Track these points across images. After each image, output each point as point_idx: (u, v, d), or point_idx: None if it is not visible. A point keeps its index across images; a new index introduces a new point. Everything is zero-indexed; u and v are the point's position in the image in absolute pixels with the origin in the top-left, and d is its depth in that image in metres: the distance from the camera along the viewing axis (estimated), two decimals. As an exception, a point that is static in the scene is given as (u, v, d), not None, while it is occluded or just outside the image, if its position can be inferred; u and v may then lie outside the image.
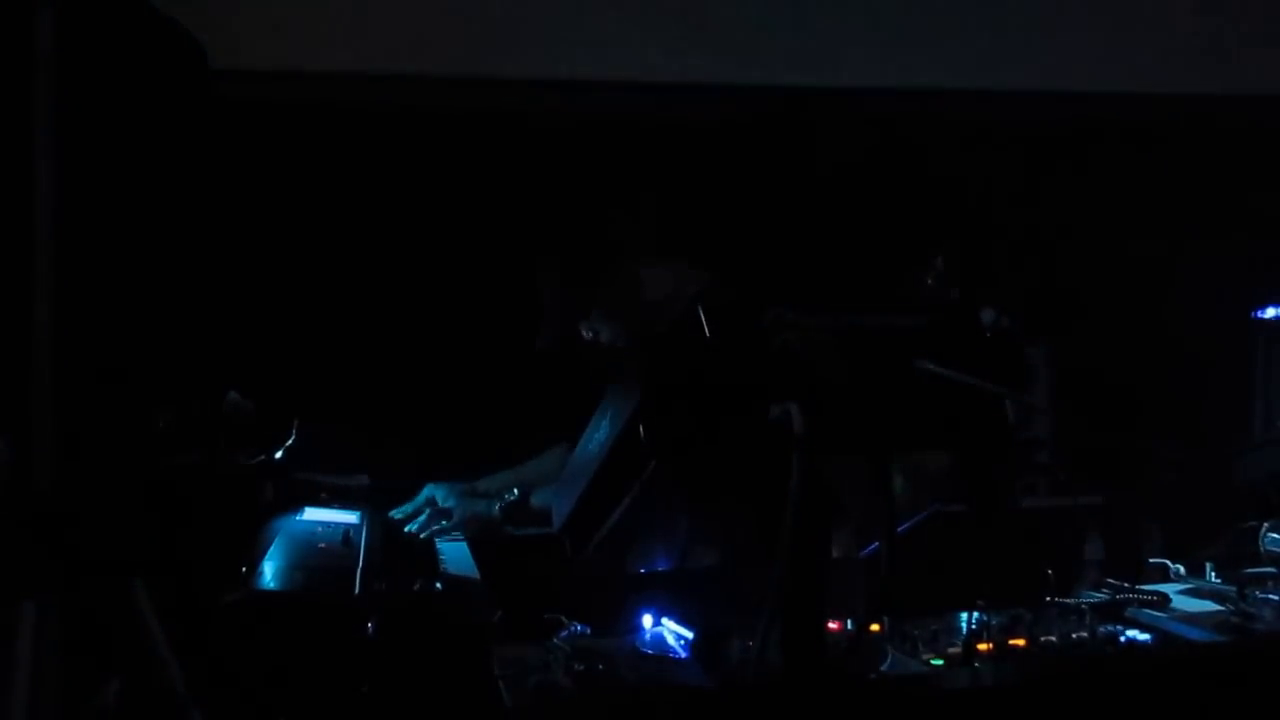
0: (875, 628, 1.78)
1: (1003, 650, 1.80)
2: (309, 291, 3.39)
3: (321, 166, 3.37)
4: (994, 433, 1.60)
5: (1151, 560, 2.21)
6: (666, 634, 1.82)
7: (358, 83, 3.35)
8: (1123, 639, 1.88)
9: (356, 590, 1.98)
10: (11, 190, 1.33)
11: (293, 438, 2.64)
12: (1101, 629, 1.90)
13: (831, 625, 1.74)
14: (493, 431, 3.23)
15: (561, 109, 3.51)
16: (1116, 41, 3.63)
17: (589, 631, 1.81)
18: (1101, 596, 2.03)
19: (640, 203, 2.98)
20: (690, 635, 1.75)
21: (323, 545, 2.29)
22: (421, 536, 2.68)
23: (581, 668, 1.65)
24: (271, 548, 2.20)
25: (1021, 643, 1.83)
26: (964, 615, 1.86)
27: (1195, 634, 1.89)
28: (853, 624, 1.74)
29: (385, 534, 2.51)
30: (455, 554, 2.45)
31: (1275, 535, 2.14)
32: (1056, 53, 3.60)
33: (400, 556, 2.36)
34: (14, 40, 1.33)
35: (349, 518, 2.55)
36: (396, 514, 2.76)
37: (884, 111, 3.60)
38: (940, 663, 1.77)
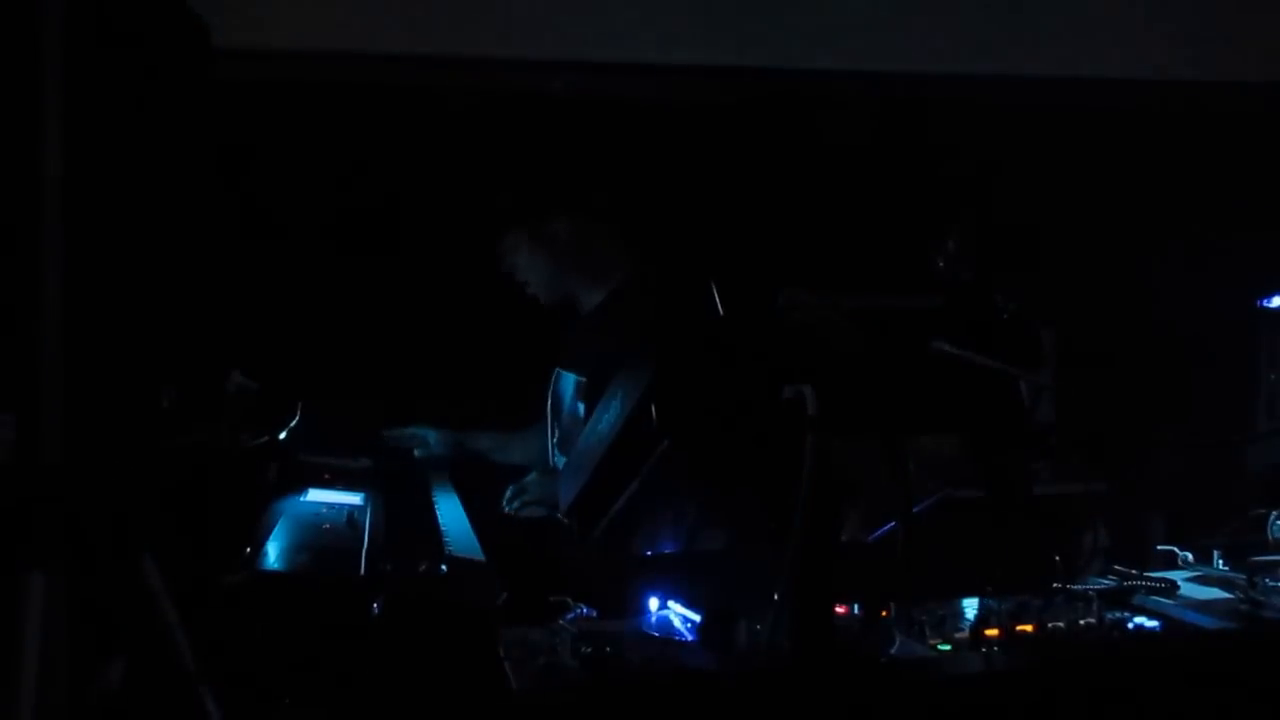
0: (884, 613, 1.77)
1: (1010, 636, 1.79)
2: (314, 272, 3.39)
3: (318, 146, 3.37)
4: (1009, 415, 1.59)
5: (1160, 547, 2.21)
6: (673, 617, 1.81)
7: (353, 62, 3.34)
8: (1130, 625, 1.88)
9: (361, 571, 1.98)
10: (17, 170, 1.32)
11: (297, 418, 2.64)
12: (1109, 615, 1.89)
13: (839, 609, 1.73)
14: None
15: (564, 89, 3.50)
16: (1124, 27, 3.62)
17: (595, 614, 1.80)
18: (1109, 583, 2.02)
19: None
20: (697, 618, 1.74)
21: (327, 526, 2.28)
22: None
23: (588, 650, 1.64)
24: (275, 529, 2.20)
25: (1029, 629, 1.82)
26: (972, 601, 1.85)
27: (1204, 621, 1.88)
28: (861, 608, 1.73)
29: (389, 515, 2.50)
30: (460, 535, 2.44)
31: (1283, 523, 2.13)
32: (1064, 38, 3.59)
33: (405, 538, 2.35)
34: (17, 19, 1.32)
35: (353, 499, 2.55)
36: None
37: (896, 94, 3.59)
38: (947, 648, 1.76)
